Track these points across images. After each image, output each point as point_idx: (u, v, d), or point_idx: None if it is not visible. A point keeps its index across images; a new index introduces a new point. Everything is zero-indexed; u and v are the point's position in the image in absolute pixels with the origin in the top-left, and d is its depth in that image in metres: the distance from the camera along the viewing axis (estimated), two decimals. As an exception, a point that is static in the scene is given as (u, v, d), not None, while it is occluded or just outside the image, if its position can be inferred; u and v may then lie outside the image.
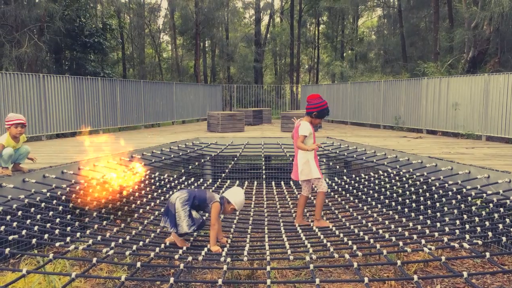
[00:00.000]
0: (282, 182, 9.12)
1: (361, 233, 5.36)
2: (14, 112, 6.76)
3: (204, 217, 5.34)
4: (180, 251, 4.63)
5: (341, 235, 5.32)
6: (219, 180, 9.33)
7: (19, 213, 5.38)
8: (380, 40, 33.07)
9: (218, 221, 5.10)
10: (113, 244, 4.76)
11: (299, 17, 31.79)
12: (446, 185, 6.80)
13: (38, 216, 5.42)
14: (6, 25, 16.08)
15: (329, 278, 4.73)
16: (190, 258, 4.42)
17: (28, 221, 5.19)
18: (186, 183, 8.57)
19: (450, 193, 6.48)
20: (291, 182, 9.03)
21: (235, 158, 10.31)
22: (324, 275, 4.82)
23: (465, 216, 5.68)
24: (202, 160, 10.49)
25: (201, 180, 9.08)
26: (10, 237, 4.65)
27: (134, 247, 4.74)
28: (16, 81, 11.05)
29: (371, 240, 4.97)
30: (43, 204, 5.83)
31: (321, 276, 4.74)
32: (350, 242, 4.90)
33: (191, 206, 4.90)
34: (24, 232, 4.80)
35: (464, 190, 6.40)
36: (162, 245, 4.92)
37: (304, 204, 6.06)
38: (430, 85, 13.50)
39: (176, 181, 8.53)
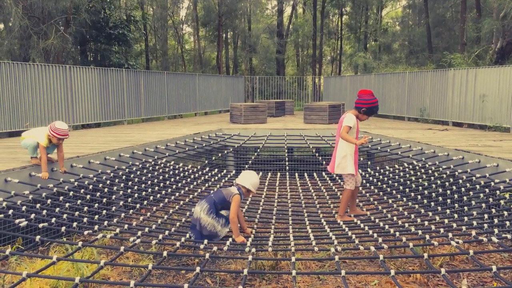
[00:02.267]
0: (306, 174, 9.09)
1: (386, 226, 5.31)
2: (60, 121, 6.57)
3: None
4: (206, 241, 4.68)
5: (366, 227, 5.28)
6: (242, 171, 9.33)
7: (48, 201, 5.51)
8: (404, 31, 32.56)
9: (239, 213, 5.12)
10: (139, 233, 4.84)
11: (322, 8, 31.46)
12: (474, 178, 6.68)
13: (67, 205, 5.54)
14: (33, 17, 16.34)
15: (353, 270, 4.71)
16: (215, 248, 4.46)
17: (57, 210, 5.31)
18: (209, 174, 8.62)
19: (477, 186, 6.37)
20: (315, 174, 9.00)
21: (258, 150, 10.32)
22: (348, 267, 4.80)
23: (493, 210, 5.57)
24: (225, 151, 10.54)
25: (224, 171, 9.12)
26: (40, 225, 4.76)
27: (160, 236, 4.80)
28: (43, 73, 11.26)
29: (397, 233, 4.93)
30: (71, 193, 5.95)
31: (345, 268, 4.73)
32: (375, 235, 4.87)
33: (216, 212, 4.93)
34: (53, 220, 4.91)
35: (492, 183, 6.27)
36: (187, 235, 4.98)
37: (353, 196, 6.04)
38: (456, 77, 13.23)
39: (200, 172, 8.59)
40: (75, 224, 4.96)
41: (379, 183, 7.72)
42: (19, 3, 14.82)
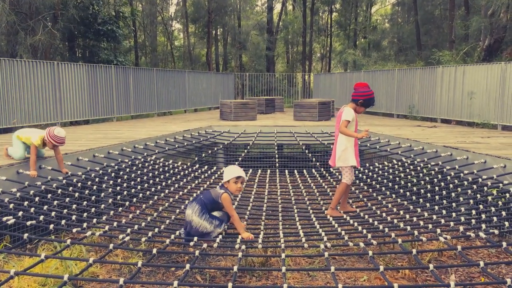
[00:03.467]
0: (295, 171, 9.10)
1: (376, 223, 5.34)
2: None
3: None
4: (195, 238, 4.67)
5: (355, 224, 5.31)
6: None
7: (36, 199, 5.45)
8: (394, 28, 32.73)
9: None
10: (129, 230, 4.81)
11: (311, 5, 31.49)
12: (462, 174, 6.74)
13: (55, 202, 5.50)
14: (20, 12, 16.14)
15: (343, 266, 4.73)
16: (205, 245, 4.45)
17: (45, 207, 5.26)
18: (199, 171, 8.60)
19: (465, 182, 6.42)
20: (304, 171, 9.02)
21: (248, 147, 10.31)
22: (338, 263, 4.81)
23: (481, 206, 5.63)
24: (215, 148, 10.51)
25: (214, 168, 9.10)
26: (28, 223, 4.71)
27: (150, 233, 4.78)
28: (31, 69, 11.13)
29: (386, 229, 4.96)
30: (59, 191, 5.90)
31: (335, 264, 4.74)
32: (364, 231, 4.89)
33: (209, 212, 4.93)
34: (41, 217, 4.86)
35: (480, 179, 6.34)
36: (177, 232, 4.96)
37: (346, 192, 6.05)
38: (445, 74, 13.33)
39: (190, 169, 8.57)
40: (63, 221, 4.92)
41: (368, 180, 7.76)
42: (6, -1, 14.62)
